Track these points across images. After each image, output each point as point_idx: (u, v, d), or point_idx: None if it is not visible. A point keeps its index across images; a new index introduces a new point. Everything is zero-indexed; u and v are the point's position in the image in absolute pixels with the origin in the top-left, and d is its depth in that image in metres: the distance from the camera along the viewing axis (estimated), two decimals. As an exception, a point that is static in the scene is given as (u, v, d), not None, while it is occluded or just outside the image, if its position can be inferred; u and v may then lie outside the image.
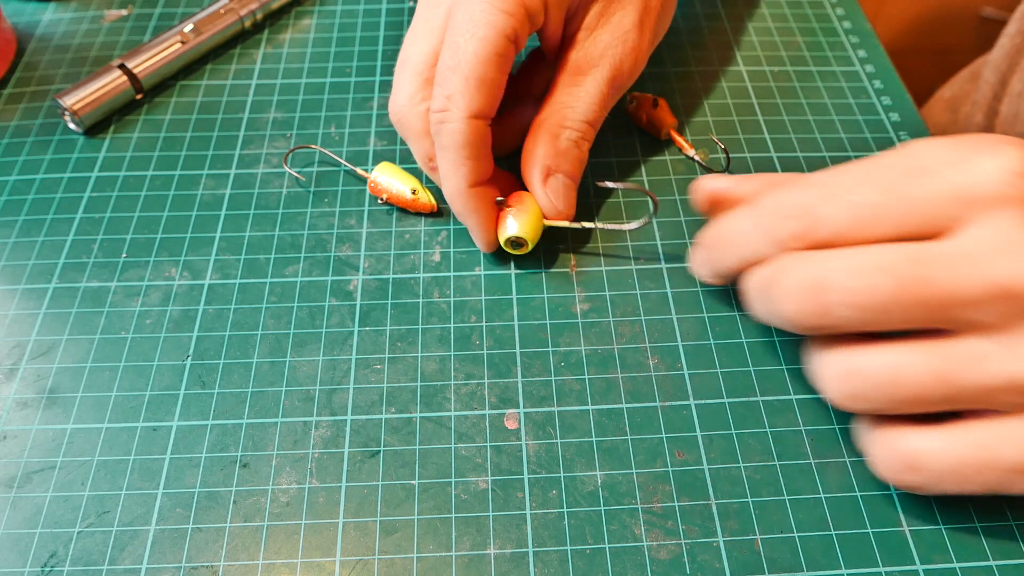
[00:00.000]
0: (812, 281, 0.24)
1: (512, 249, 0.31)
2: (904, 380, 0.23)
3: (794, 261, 0.25)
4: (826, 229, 0.24)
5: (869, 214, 0.24)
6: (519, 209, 0.31)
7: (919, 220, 0.23)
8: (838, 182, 0.25)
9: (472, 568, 0.25)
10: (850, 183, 0.24)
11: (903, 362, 0.23)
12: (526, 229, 0.30)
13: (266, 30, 0.43)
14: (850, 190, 0.24)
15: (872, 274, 0.23)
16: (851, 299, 0.23)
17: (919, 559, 0.25)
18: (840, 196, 0.24)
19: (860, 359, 0.24)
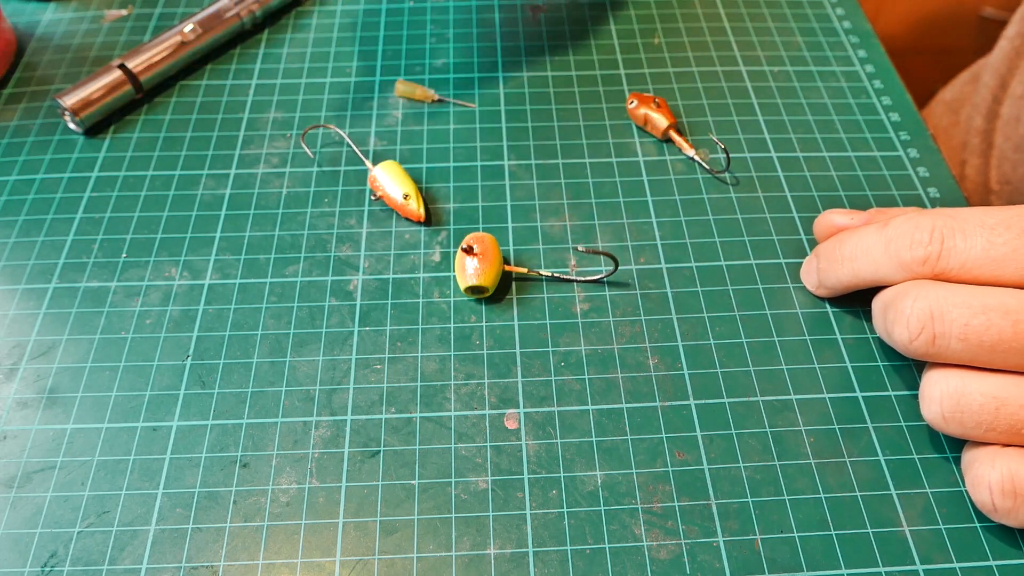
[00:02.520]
0: (930, 310, 0.24)
1: (472, 295, 0.31)
2: (1006, 409, 0.24)
3: (916, 287, 0.25)
4: (956, 261, 0.25)
5: (1002, 255, 0.24)
6: (482, 257, 0.31)
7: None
8: (976, 217, 0.25)
9: (472, 568, 0.25)
10: (989, 221, 0.25)
11: (1008, 393, 0.24)
12: (486, 277, 0.31)
13: (266, 30, 0.43)
14: (989, 229, 0.25)
15: (991, 315, 0.23)
16: (965, 334, 0.24)
17: (919, 559, 0.25)
18: (978, 232, 0.25)
19: (966, 384, 0.24)
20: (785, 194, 0.35)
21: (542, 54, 0.42)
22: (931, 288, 0.25)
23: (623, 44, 0.42)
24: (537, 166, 0.36)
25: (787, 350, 0.30)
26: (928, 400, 0.25)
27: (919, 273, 0.26)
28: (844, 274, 0.29)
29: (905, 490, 0.27)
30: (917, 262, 0.25)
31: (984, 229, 0.25)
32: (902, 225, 0.26)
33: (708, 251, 0.33)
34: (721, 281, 0.32)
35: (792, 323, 0.31)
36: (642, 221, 0.34)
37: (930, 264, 0.25)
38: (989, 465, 0.24)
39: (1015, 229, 0.25)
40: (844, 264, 0.29)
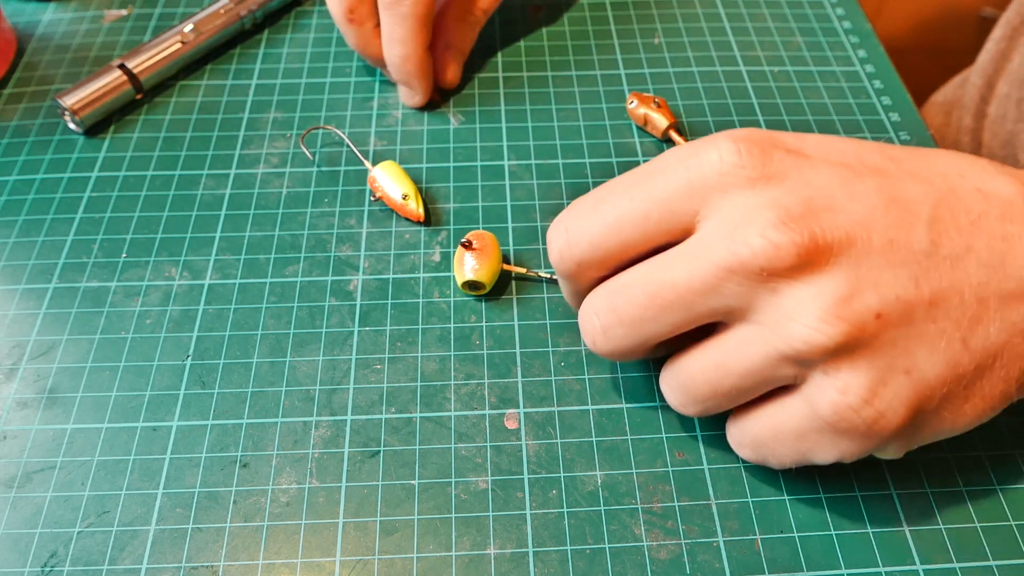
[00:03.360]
0: (591, 310, 0.25)
1: (470, 291, 0.31)
2: (698, 380, 0.24)
3: (584, 301, 0.26)
4: (581, 241, 0.25)
5: (613, 218, 0.24)
6: (480, 253, 0.31)
7: (661, 218, 0.24)
8: (590, 195, 0.25)
9: (472, 568, 0.25)
10: (600, 193, 0.25)
11: (692, 364, 0.25)
12: (483, 273, 0.31)
13: (266, 30, 0.43)
14: (599, 199, 0.25)
15: (627, 289, 0.24)
16: (618, 317, 0.24)
17: (919, 559, 0.25)
18: (589, 207, 0.25)
19: (670, 370, 0.26)
20: (785, 194, 0.35)
21: (542, 54, 0.42)
22: (592, 294, 0.25)
23: (623, 44, 0.42)
24: (537, 166, 0.36)
25: (787, 350, 0.30)
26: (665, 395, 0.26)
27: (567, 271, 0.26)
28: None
29: (905, 490, 0.27)
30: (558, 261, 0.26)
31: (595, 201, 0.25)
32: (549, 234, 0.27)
33: (708, 251, 0.33)
34: (721, 281, 0.32)
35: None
36: (642, 221, 0.34)
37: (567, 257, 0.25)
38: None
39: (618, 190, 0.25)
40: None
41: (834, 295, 0.21)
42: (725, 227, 0.22)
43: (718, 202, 0.23)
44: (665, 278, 0.23)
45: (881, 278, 0.21)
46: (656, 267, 0.24)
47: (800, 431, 0.23)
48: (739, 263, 0.22)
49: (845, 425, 0.22)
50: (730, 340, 0.23)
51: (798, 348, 0.21)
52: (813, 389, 0.22)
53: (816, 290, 0.21)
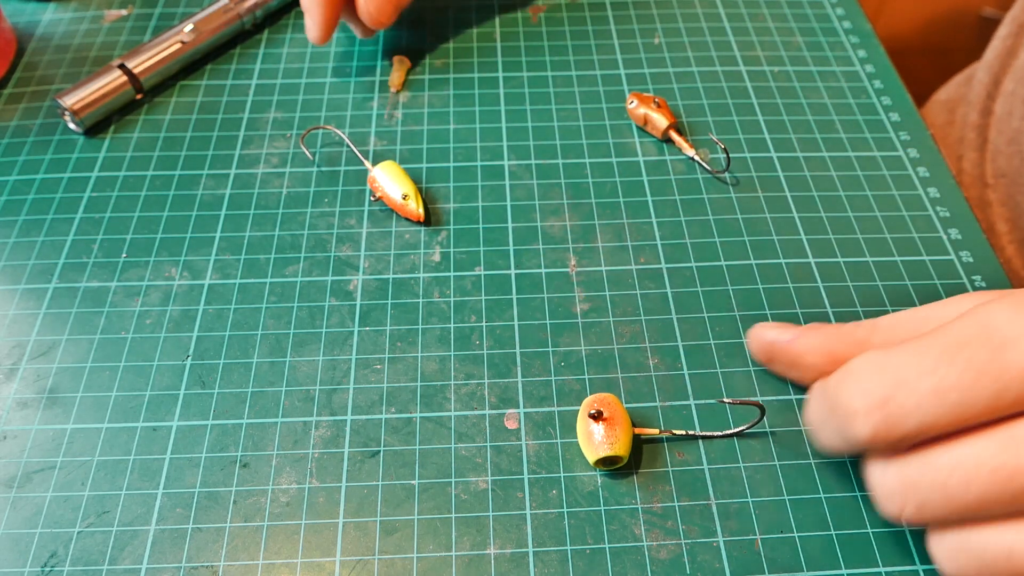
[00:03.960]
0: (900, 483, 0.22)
1: (603, 467, 0.27)
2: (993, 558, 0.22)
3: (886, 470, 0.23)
4: (905, 426, 0.22)
5: (957, 400, 0.21)
6: (610, 423, 0.27)
7: (1011, 399, 0.21)
8: (914, 361, 0.22)
9: (472, 568, 0.25)
10: (929, 364, 0.21)
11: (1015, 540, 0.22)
12: (620, 446, 0.26)
13: (266, 30, 0.43)
14: (930, 371, 0.21)
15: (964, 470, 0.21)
16: (943, 497, 0.22)
17: (919, 559, 0.25)
18: (919, 380, 0.21)
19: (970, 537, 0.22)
20: (785, 194, 0.35)
21: (542, 54, 0.42)
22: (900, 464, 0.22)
23: (623, 44, 0.42)
24: (537, 166, 0.36)
25: (787, 350, 0.30)
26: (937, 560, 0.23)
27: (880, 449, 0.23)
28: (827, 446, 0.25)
29: (905, 490, 0.27)
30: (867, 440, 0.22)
31: (925, 374, 0.21)
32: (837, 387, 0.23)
33: (708, 251, 0.33)
34: (721, 281, 0.32)
35: (792, 323, 0.31)
36: (642, 221, 0.34)
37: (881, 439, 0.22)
38: None
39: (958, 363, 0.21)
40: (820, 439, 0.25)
41: None
42: None
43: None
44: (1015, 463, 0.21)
45: None
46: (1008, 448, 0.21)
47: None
48: None
49: None
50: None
51: None
52: None
53: None
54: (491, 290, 0.32)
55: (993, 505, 0.21)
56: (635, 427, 0.28)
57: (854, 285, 0.32)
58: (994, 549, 0.22)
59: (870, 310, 0.31)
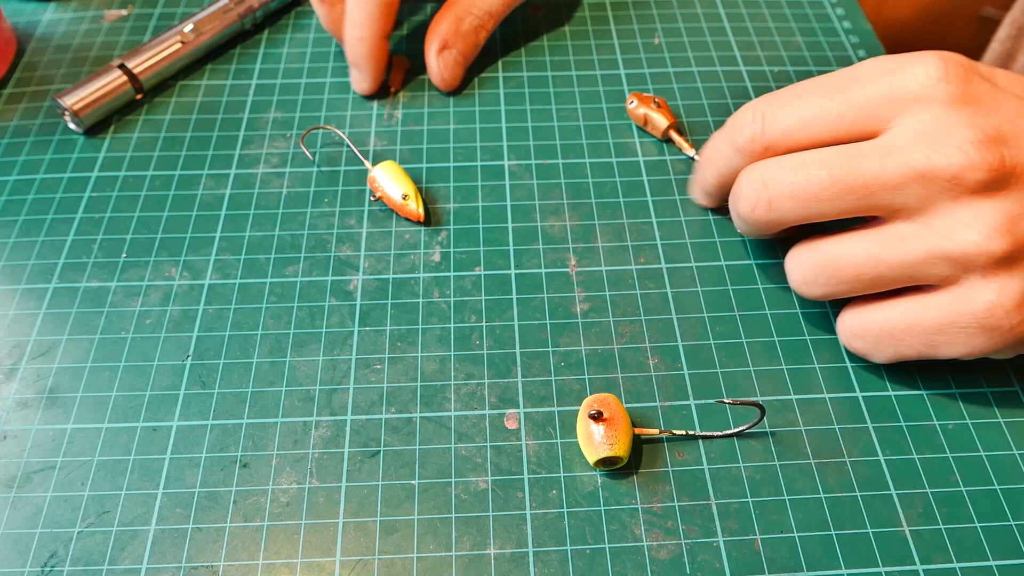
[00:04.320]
0: (760, 179, 0.28)
1: (603, 467, 0.27)
2: (844, 263, 0.27)
3: (749, 168, 0.29)
4: (776, 128, 0.28)
5: (812, 114, 0.27)
6: (610, 423, 0.27)
7: (856, 119, 0.27)
8: (789, 90, 0.29)
9: (472, 568, 0.25)
10: (799, 90, 0.28)
11: (842, 248, 0.27)
12: (620, 446, 0.26)
13: (266, 30, 0.43)
14: (798, 94, 0.28)
15: (808, 168, 0.27)
16: (790, 190, 0.27)
17: (919, 559, 0.25)
18: (787, 99, 0.28)
19: (810, 249, 0.28)
20: (785, 194, 0.35)
21: (542, 54, 0.42)
22: (760, 163, 0.28)
23: (623, 44, 0.42)
24: (537, 166, 0.36)
25: (787, 350, 0.30)
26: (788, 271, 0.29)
27: (752, 151, 0.29)
28: (709, 175, 0.32)
29: (905, 490, 0.27)
30: (747, 141, 0.29)
31: (794, 96, 0.28)
32: (734, 116, 0.30)
33: (708, 251, 0.33)
34: (721, 281, 0.32)
35: (792, 323, 0.31)
36: (642, 221, 0.34)
37: (757, 140, 0.29)
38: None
39: (819, 90, 0.28)
40: (706, 168, 0.32)
41: (1008, 213, 0.24)
42: (922, 135, 0.25)
43: (915, 112, 0.26)
44: (855, 167, 0.26)
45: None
46: (845, 155, 0.26)
47: (940, 326, 0.26)
48: (932, 169, 0.25)
49: (993, 323, 0.25)
50: (890, 233, 0.26)
51: (968, 252, 0.24)
52: (967, 289, 0.25)
53: (993, 206, 0.24)
54: (491, 290, 0.32)
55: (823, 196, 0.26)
56: (635, 427, 0.28)
57: (854, 285, 0.32)
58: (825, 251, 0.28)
59: (870, 310, 0.31)
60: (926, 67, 0.26)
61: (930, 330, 0.26)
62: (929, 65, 0.26)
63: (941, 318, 0.26)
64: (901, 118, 0.26)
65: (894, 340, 0.27)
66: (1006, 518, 0.26)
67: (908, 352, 0.27)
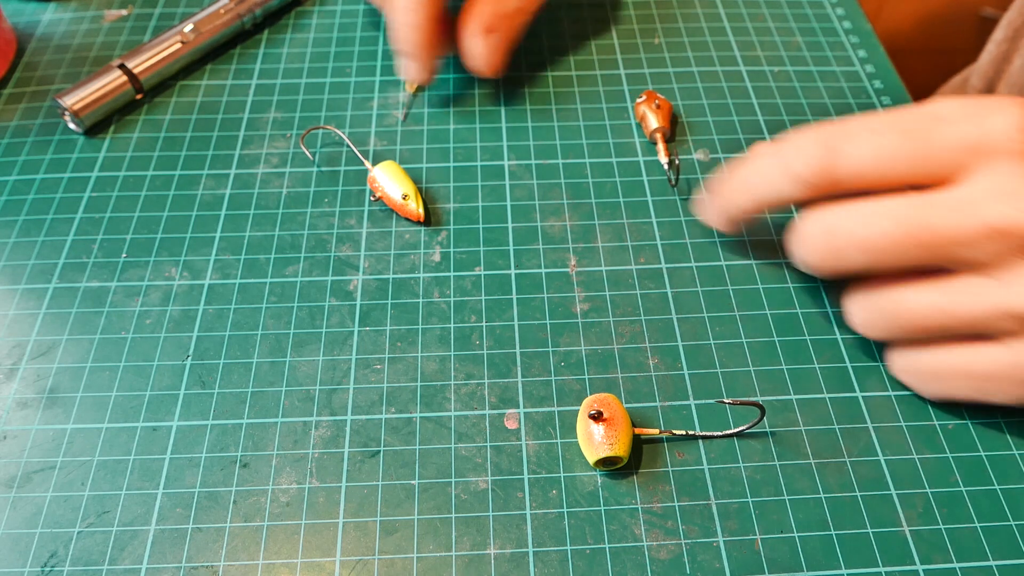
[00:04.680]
0: (827, 227, 0.27)
1: (603, 467, 0.27)
2: (906, 312, 0.26)
3: (813, 214, 0.27)
4: (846, 165, 0.26)
5: (888, 154, 0.26)
6: (610, 423, 0.27)
7: (932, 164, 0.26)
8: (861, 123, 0.27)
9: (472, 568, 0.25)
10: (874, 126, 0.27)
11: (907, 297, 0.26)
12: (620, 446, 0.26)
13: (266, 30, 0.43)
14: (873, 131, 0.26)
15: (878, 219, 0.26)
16: (860, 243, 0.26)
17: (919, 559, 0.25)
18: (863, 135, 0.26)
19: (873, 294, 0.28)
20: (785, 194, 0.35)
21: (542, 54, 0.42)
22: (826, 211, 0.27)
23: (623, 44, 0.42)
24: (537, 166, 0.36)
25: (787, 350, 0.30)
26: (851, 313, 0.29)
27: (815, 185, 0.27)
28: (744, 200, 0.30)
29: (905, 490, 0.27)
30: (812, 173, 0.27)
31: (869, 132, 0.26)
32: (792, 141, 0.28)
33: (708, 251, 0.33)
34: (721, 281, 0.32)
35: (792, 323, 0.31)
36: (642, 221, 0.34)
37: (825, 174, 0.27)
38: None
39: (898, 128, 0.26)
40: (745, 192, 0.30)
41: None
42: (1001, 190, 0.24)
43: (993, 163, 0.25)
44: (928, 220, 0.25)
45: None
46: (918, 207, 0.25)
47: (994, 375, 0.26)
48: (1009, 227, 0.24)
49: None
50: (959, 287, 0.25)
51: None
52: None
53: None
54: (491, 290, 0.32)
55: (892, 249, 0.25)
56: (635, 427, 0.28)
57: (854, 285, 0.32)
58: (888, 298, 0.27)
59: (870, 310, 0.31)
60: (1008, 116, 0.25)
61: (983, 377, 0.26)
62: (1011, 114, 0.25)
63: (997, 369, 0.26)
64: (978, 168, 0.25)
65: (945, 382, 0.27)
66: (1006, 518, 0.26)
67: (956, 394, 0.27)
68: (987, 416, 0.29)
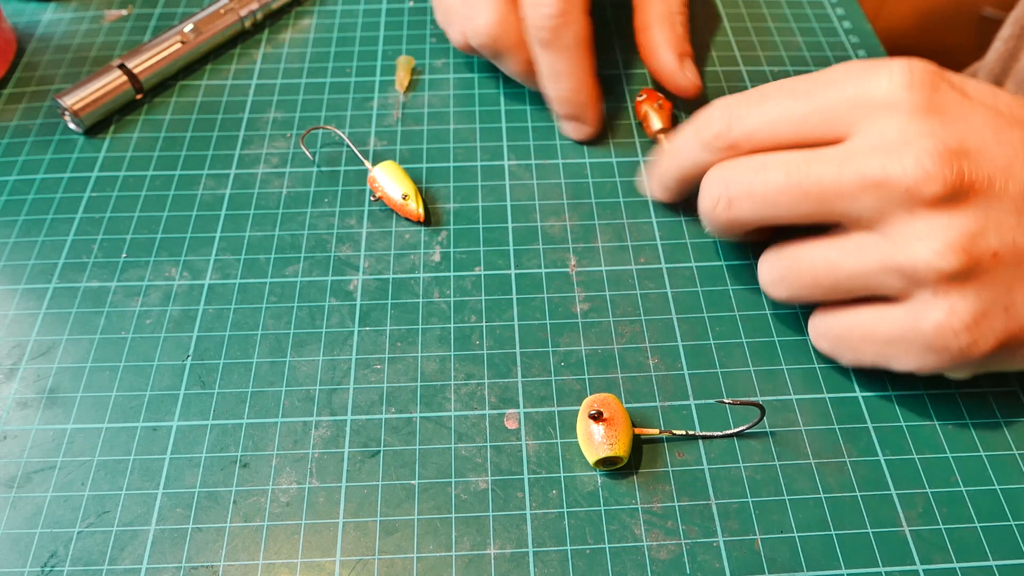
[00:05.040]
0: (722, 178, 0.28)
1: (603, 467, 0.27)
2: (804, 268, 0.27)
3: (714, 167, 0.29)
4: (741, 127, 0.28)
5: (776, 115, 0.27)
6: (610, 423, 0.26)
7: (819, 123, 0.26)
8: (758, 90, 0.28)
9: (472, 568, 0.25)
10: (767, 90, 0.28)
11: (804, 253, 0.27)
12: (620, 446, 0.26)
13: (266, 30, 0.43)
14: (765, 95, 0.28)
15: (767, 170, 0.26)
16: (749, 191, 0.27)
17: (919, 559, 0.25)
18: (756, 100, 0.28)
19: (778, 251, 0.29)
20: (785, 194, 0.35)
21: (542, 54, 0.42)
22: (724, 163, 0.28)
23: (623, 44, 0.42)
24: (537, 166, 0.36)
25: (787, 350, 0.30)
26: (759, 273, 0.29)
27: (717, 148, 0.28)
28: (671, 168, 0.32)
29: (905, 490, 0.27)
30: (713, 137, 0.28)
31: (761, 96, 0.28)
32: (702, 112, 0.29)
33: (708, 251, 0.33)
34: (721, 281, 0.32)
35: (793, 323, 0.31)
36: (642, 221, 0.34)
37: (722, 137, 0.28)
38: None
39: (785, 91, 0.27)
40: (669, 161, 0.32)
41: (963, 229, 0.24)
42: (881, 144, 0.25)
43: (878, 119, 0.25)
44: (812, 171, 0.26)
45: (1006, 222, 0.24)
46: (804, 160, 0.26)
47: (892, 338, 0.26)
48: (888, 180, 0.24)
49: (941, 343, 0.24)
50: (848, 242, 0.26)
51: (919, 267, 0.24)
52: (919, 305, 0.25)
53: (948, 221, 0.24)
54: (491, 290, 0.32)
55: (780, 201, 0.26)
56: (635, 427, 0.28)
57: (854, 285, 0.32)
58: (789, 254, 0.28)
59: (870, 310, 0.31)
60: (891, 74, 0.25)
61: (883, 341, 0.26)
62: (895, 72, 0.25)
63: (893, 332, 0.26)
64: (864, 125, 0.25)
65: (852, 346, 0.27)
66: (1006, 518, 0.26)
67: (864, 360, 0.27)
68: (987, 416, 0.29)
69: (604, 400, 0.27)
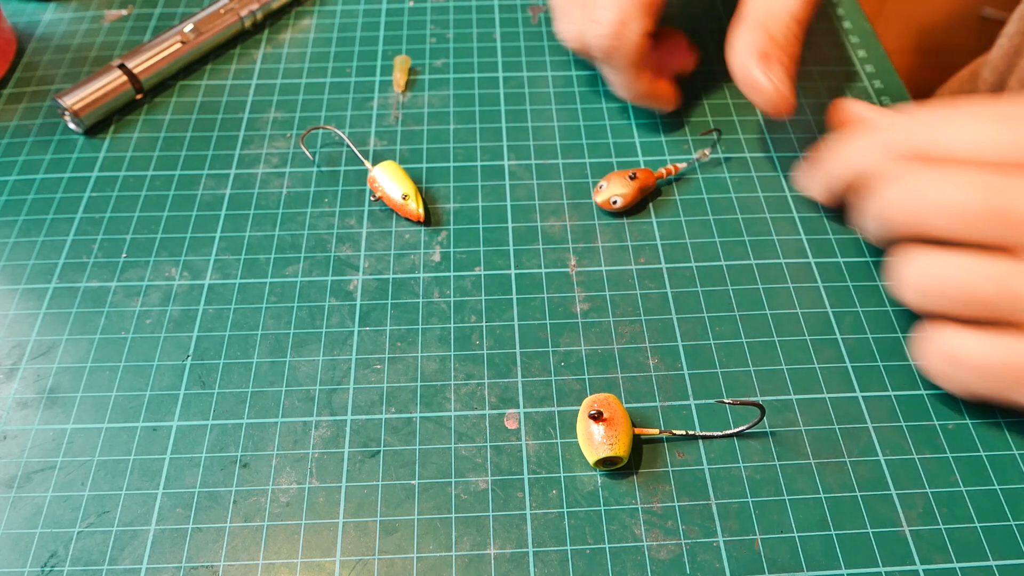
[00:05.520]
0: (915, 187, 0.27)
1: (603, 467, 0.27)
2: (970, 284, 0.26)
3: (903, 167, 0.27)
4: (945, 148, 0.27)
5: (987, 144, 0.26)
6: (610, 423, 0.27)
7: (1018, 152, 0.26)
8: (967, 112, 0.27)
9: (472, 568, 0.25)
10: (975, 111, 0.27)
11: (975, 269, 0.26)
12: (620, 446, 0.26)
13: (266, 30, 0.43)
14: (974, 116, 0.27)
15: (971, 189, 0.26)
16: (944, 206, 0.26)
17: (919, 559, 0.25)
18: (966, 123, 0.27)
19: (939, 259, 0.27)
20: (785, 194, 0.35)
21: (542, 54, 0.42)
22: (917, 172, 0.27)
23: (623, 44, 0.42)
24: (537, 166, 0.36)
25: (787, 350, 0.30)
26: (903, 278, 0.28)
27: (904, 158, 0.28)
28: (845, 173, 0.30)
29: (905, 490, 0.27)
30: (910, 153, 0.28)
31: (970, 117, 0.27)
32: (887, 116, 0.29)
33: (708, 251, 0.33)
34: (721, 281, 0.32)
35: (792, 323, 0.31)
36: (642, 221, 0.34)
37: (922, 155, 0.27)
38: None
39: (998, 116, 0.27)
40: (838, 164, 0.31)
41: None
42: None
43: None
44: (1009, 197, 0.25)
45: None
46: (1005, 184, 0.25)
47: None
48: None
49: None
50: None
51: None
52: None
53: None
54: (491, 290, 0.32)
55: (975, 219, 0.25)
56: (635, 427, 0.28)
57: (854, 285, 0.32)
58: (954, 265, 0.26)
59: (870, 310, 0.31)
60: None
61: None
62: None
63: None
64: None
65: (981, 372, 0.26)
66: (1006, 518, 0.26)
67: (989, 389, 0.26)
68: (987, 416, 0.29)
69: (604, 400, 0.27)
